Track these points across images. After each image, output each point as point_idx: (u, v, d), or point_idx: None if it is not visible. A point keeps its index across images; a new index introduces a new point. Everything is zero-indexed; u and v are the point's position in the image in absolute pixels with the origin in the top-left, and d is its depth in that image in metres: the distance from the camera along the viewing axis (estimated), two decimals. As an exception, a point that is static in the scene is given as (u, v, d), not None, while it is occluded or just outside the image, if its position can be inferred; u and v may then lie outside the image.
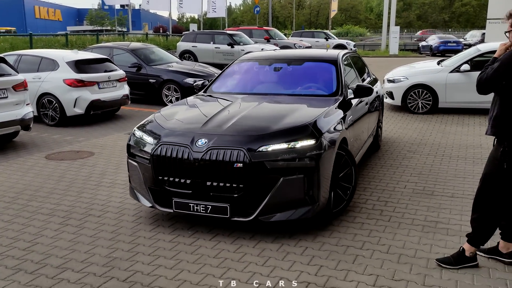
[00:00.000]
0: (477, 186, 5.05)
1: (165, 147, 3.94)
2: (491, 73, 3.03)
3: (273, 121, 4.08)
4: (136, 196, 4.32)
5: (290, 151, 3.74)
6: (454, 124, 8.66)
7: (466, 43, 30.45)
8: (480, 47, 9.94)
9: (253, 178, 3.69)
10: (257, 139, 3.79)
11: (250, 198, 3.74)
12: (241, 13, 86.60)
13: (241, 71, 5.85)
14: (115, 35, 24.95)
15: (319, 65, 5.63)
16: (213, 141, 3.82)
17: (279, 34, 23.58)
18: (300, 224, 4.09)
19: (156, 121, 4.40)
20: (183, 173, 3.87)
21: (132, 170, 4.29)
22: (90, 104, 8.95)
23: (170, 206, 3.99)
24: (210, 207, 3.81)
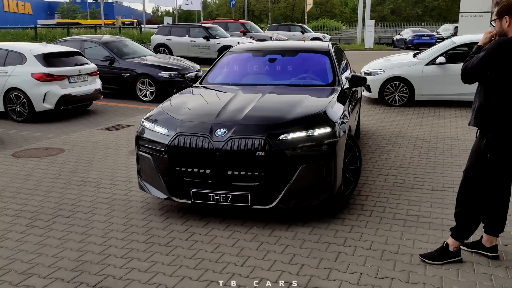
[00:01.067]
0: (456, 178, 5.09)
1: (183, 138, 3.92)
2: (475, 62, 2.94)
3: (286, 110, 4.15)
4: (147, 189, 4.24)
5: (309, 139, 3.84)
6: (430, 116, 8.69)
7: (439, 36, 30.91)
8: (455, 39, 10.02)
9: (274, 166, 3.75)
10: (276, 128, 3.86)
11: (270, 186, 3.80)
12: (217, 6, 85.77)
13: (235, 62, 5.85)
14: (87, 28, 24.26)
15: (313, 56, 5.75)
16: (232, 130, 3.85)
17: (255, 27, 23.39)
18: (283, 217, 3.97)
19: (166, 112, 4.34)
20: (203, 163, 3.87)
21: (144, 162, 4.20)
22: (60, 99, 8.60)
23: (188, 197, 3.96)
24: (230, 196, 3.82)
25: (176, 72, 10.84)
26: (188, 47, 17.96)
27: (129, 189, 4.95)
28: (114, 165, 5.85)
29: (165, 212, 4.28)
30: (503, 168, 3.02)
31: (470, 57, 3.04)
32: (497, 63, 2.85)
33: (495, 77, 2.91)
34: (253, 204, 3.83)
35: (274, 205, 3.81)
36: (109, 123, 8.56)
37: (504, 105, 2.91)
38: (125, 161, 6.06)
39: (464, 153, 6.15)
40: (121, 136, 7.51)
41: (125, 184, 5.12)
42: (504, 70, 2.86)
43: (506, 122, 2.90)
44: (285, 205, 3.84)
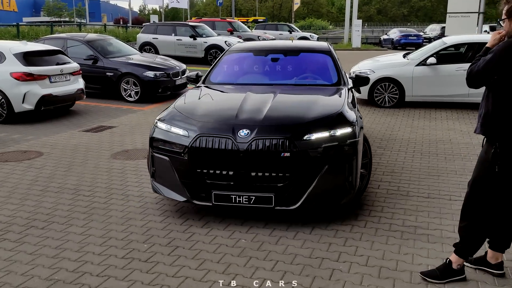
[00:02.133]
0: (452, 185, 4.91)
1: (204, 139, 3.83)
2: (482, 65, 2.71)
3: (304, 110, 4.13)
4: (162, 192, 4.13)
5: (332, 139, 3.83)
6: (421, 118, 8.54)
7: (426, 36, 31.01)
8: (445, 40, 9.88)
9: (299, 167, 3.72)
10: (299, 128, 3.83)
11: (294, 187, 3.77)
12: (204, 5, 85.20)
13: (238, 62, 5.77)
14: (72, 26, 23.73)
15: (316, 56, 5.74)
16: (256, 131, 3.78)
17: (243, 26, 23.11)
18: (269, 230, 3.74)
19: (181, 112, 4.24)
20: (226, 165, 3.78)
21: (161, 164, 4.07)
22: (40, 99, 8.24)
23: (209, 199, 3.87)
24: (253, 198, 3.77)
25: (162, 72, 10.52)
26: (174, 46, 17.61)
27: (109, 196, 4.67)
28: (94, 170, 5.56)
29: (147, 223, 4.01)
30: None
31: (477, 59, 2.82)
32: (506, 67, 2.64)
33: (503, 81, 2.69)
34: (277, 205, 3.78)
35: (298, 206, 3.77)
36: (91, 124, 8.23)
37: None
38: (106, 165, 5.77)
39: (458, 157, 5.99)
40: (103, 138, 7.20)
41: (105, 191, 4.84)
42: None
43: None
44: (308, 205, 3.81)
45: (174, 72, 10.81)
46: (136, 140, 7.04)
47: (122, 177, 5.29)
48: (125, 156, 6.23)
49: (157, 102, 10.38)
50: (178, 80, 10.90)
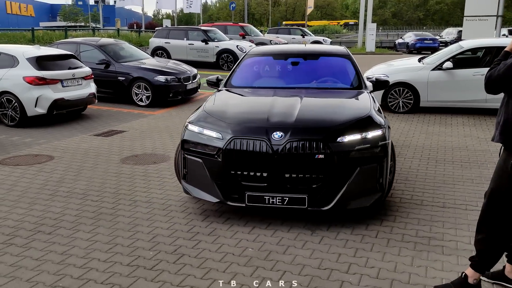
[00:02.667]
0: (468, 194, 4.75)
1: (239, 141, 3.87)
2: (503, 70, 2.58)
3: (334, 113, 4.22)
4: (194, 193, 4.19)
5: (364, 142, 3.90)
6: (436, 124, 8.36)
7: (442, 40, 30.61)
8: (462, 43, 9.68)
9: (332, 169, 3.78)
10: (332, 131, 3.88)
11: (328, 188, 3.82)
12: (217, 9, 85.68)
13: (258, 66, 5.85)
14: (85, 31, 24.00)
15: (335, 59, 5.78)
16: (289, 133, 3.82)
17: (255, 30, 23.05)
18: (277, 239, 3.65)
19: (212, 115, 4.29)
20: (260, 166, 3.83)
21: (193, 166, 4.13)
22: (52, 104, 8.29)
23: (242, 201, 3.92)
24: (287, 199, 3.81)
25: (173, 76, 10.51)
26: (186, 50, 17.64)
27: (117, 202, 4.63)
28: (103, 175, 5.53)
29: (153, 229, 3.95)
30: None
31: (496, 63, 2.69)
32: None
33: None
34: (310, 207, 3.83)
35: (331, 206, 3.83)
36: (102, 129, 8.24)
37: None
38: (115, 170, 5.74)
39: (475, 165, 5.82)
40: (114, 142, 7.19)
41: (113, 196, 4.80)
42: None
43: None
44: (341, 207, 3.86)
45: (185, 77, 10.79)
46: (145, 145, 7.01)
47: (131, 183, 5.25)
48: (134, 161, 6.19)
49: (168, 106, 10.37)
50: (189, 84, 10.88)
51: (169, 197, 4.76)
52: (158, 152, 6.58)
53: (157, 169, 5.76)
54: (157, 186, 5.10)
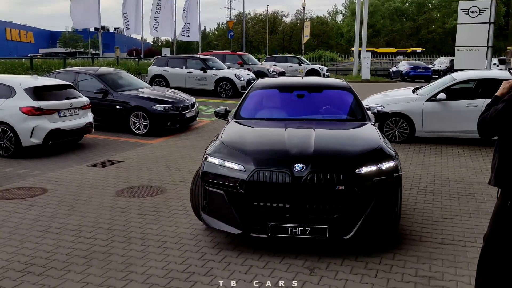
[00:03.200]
0: (467, 229, 4.69)
1: (262, 173, 3.96)
2: (494, 114, 2.61)
3: (348, 145, 4.45)
4: (214, 225, 4.22)
5: (380, 173, 4.05)
6: (432, 154, 8.37)
7: (435, 69, 31.04)
8: (455, 75, 9.81)
9: (352, 199, 3.89)
10: (349, 162, 4.01)
11: (348, 218, 3.91)
12: (216, 37, 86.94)
13: (265, 98, 6.04)
14: (84, 59, 24.20)
15: (338, 92, 5.96)
16: (310, 165, 3.93)
17: (252, 59, 23.32)
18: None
19: (231, 147, 4.38)
20: (282, 198, 3.91)
21: (214, 198, 4.17)
22: (48, 134, 8.27)
23: (264, 231, 3.96)
24: (309, 229, 3.89)
25: (171, 105, 10.56)
26: (185, 79, 17.79)
27: (111, 238, 4.54)
28: (98, 209, 5.46)
29: (148, 269, 3.86)
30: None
31: (487, 108, 2.72)
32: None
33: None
34: (331, 236, 3.90)
35: (351, 235, 3.91)
36: (98, 159, 8.19)
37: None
38: (110, 203, 5.67)
39: (472, 198, 5.78)
40: (110, 173, 7.13)
41: (107, 232, 4.71)
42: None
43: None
44: (360, 235, 3.95)
45: (183, 106, 10.83)
46: (142, 176, 6.95)
47: (126, 217, 5.17)
48: (130, 193, 6.13)
49: (166, 135, 10.36)
50: (187, 113, 10.92)
51: (165, 233, 4.68)
52: (154, 184, 6.52)
53: (153, 203, 5.69)
54: (153, 221, 5.02)
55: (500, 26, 52.69)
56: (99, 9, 23.75)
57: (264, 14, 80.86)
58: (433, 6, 68.82)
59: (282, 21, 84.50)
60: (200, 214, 4.43)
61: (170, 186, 6.41)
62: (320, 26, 77.08)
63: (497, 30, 48.41)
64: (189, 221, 5.01)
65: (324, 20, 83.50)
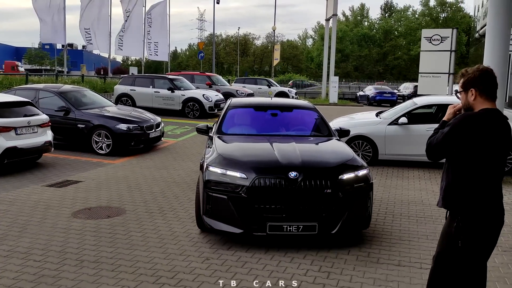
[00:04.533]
0: (423, 251, 4.75)
1: (262, 180, 4.58)
2: (440, 138, 2.68)
3: (327, 156, 5.24)
4: (216, 226, 4.71)
5: (357, 179, 4.83)
6: (394, 177, 8.53)
7: (400, 94, 32.03)
8: (416, 100, 10.12)
9: (336, 201, 4.64)
10: (334, 170, 4.76)
11: (333, 217, 4.64)
12: (187, 57, 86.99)
13: (242, 116, 6.68)
14: (49, 76, 23.67)
15: (306, 112, 6.75)
16: (302, 173, 4.60)
17: (221, 80, 23.39)
18: None
19: (230, 158, 4.95)
20: (280, 200, 4.56)
21: (218, 203, 4.69)
22: (4, 152, 7.97)
23: (263, 230, 4.57)
24: (301, 227, 4.57)
25: (135, 125, 10.39)
26: (152, 98, 17.61)
27: (62, 262, 4.34)
28: (51, 231, 5.23)
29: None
30: (477, 255, 2.68)
31: (435, 132, 2.79)
32: (463, 140, 2.60)
33: (461, 154, 2.64)
34: (320, 232, 4.61)
35: (335, 231, 4.64)
36: (57, 179, 7.92)
37: (473, 185, 2.63)
38: (64, 225, 5.45)
39: (430, 220, 5.89)
40: (67, 194, 6.89)
41: (58, 255, 4.51)
42: (471, 147, 2.60)
43: (477, 204, 2.61)
44: (342, 231, 4.70)
45: (148, 125, 10.68)
46: (101, 197, 6.75)
47: (80, 239, 4.97)
48: (87, 214, 5.92)
49: (129, 155, 10.14)
50: (152, 133, 10.76)
51: (119, 256, 4.52)
52: (114, 205, 6.34)
53: (110, 224, 5.51)
54: (108, 244, 4.85)
55: (462, 54, 55.09)
56: (64, 26, 23.40)
57: (236, 36, 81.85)
58: (399, 34, 71.36)
59: (253, 44, 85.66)
60: (202, 218, 4.86)
61: (130, 207, 6.25)
62: (290, 49, 78.50)
63: (459, 58, 50.57)
64: (146, 243, 4.88)
65: (295, 44, 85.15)
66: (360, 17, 76.18)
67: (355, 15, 76.73)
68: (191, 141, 12.40)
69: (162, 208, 6.22)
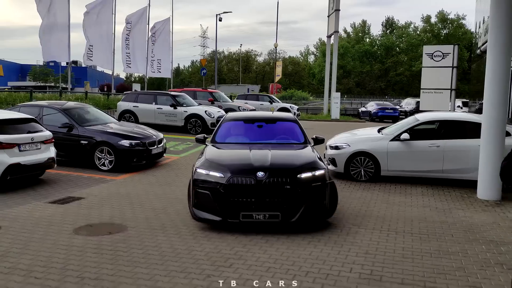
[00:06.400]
0: (426, 269, 4.70)
1: (236, 178, 5.74)
2: None
3: (293, 159, 6.34)
4: (201, 216, 5.88)
5: (315, 178, 5.93)
6: (397, 193, 8.49)
7: (402, 110, 32.06)
8: (418, 116, 10.12)
9: (295, 195, 5.73)
10: (293, 170, 5.88)
11: (293, 207, 5.72)
12: (189, 74, 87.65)
13: (234, 127, 7.92)
14: (53, 93, 23.86)
15: (288, 124, 7.96)
16: (268, 173, 5.74)
17: (224, 96, 23.49)
18: None
19: (214, 162, 6.14)
20: (250, 194, 5.68)
21: (202, 196, 5.88)
22: (7, 169, 8.00)
23: (237, 218, 5.71)
24: (267, 215, 5.67)
25: (137, 141, 10.42)
26: (154, 114, 17.70)
27: (63, 279, 4.33)
28: (52, 248, 5.22)
29: (99, 312, 3.67)
30: None
31: (510, 155, 2.73)
32: None
33: None
34: (282, 220, 5.68)
35: (295, 220, 5.72)
36: (59, 195, 7.93)
37: None
38: (66, 242, 5.44)
39: (433, 238, 5.85)
40: (69, 210, 6.89)
41: (59, 272, 4.49)
42: None
43: None
44: (301, 219, 5.75)
45: (150, 141, 10.72)
46: (103, 214, 6.74)
47: (81, 256, 4.96)
48: (89, 231, 5.91)
49: (131, 171, 10.16)
50: (154, 149, 10.79)
51: (120, 273, 4.50)
52: (116, 222, 6.33)
53: (111, 241, 5.50)
54: (109, 261, 4.83)
55: (463, 70, 55.25)
56: (69, 44, 23.66)
57: (238, 53, 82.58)
58: (400, 50, 71.86)
59: (256, 60, 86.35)
60: (191, 209, 6.04)
61: (131, 224, 6.23)
62: (292, 66, 79.08)
63: (461, 74, 50.72)
64: (147, 260, 4.86)
65: (296, 60, 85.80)
66: (361, 33, 76.81)
67: (357, 32, 77.38)
68: (193, 157, 12.41)
69: (164, 224, 6.21)
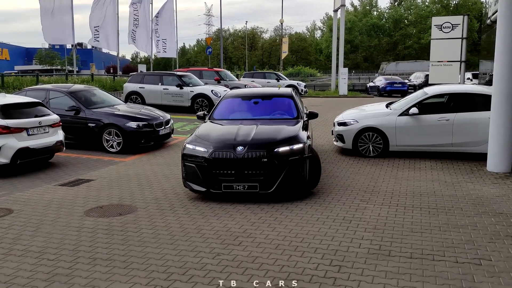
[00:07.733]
0: (435, 243, 4.71)
1: (217, 152, 6.16)
2: None
3: (275, 134, 6.53)
4: (189, 186, 6.41)
5: (291, 152, 6.23)
6: (406, 168, 8.44)
7: (411, 84, 31.64)
8: (427, 90, 9.97)
9: (272, 167, 6.09)
10: (272, 145, 6.21)
11: (270, 179, 6.09)
12: (195, 53, 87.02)
13: (231, 104, 8.21)
14: (58, 76, 23.87)
15: (283, 99, 8.17)
16: (247, 147, 6.14)
17: (230, 75, 23.34)
18: None
19: (201, 138, 6.56)
20: (230, 167, 6.09)
21: (190, 169, 6.37)
22: (16, 153, 8.08)
23: (219, 189, 6.15)
24: (246, 186, 6.09)
25: (145, 122, 10.44)
26: (161, 95, 17.68)
27: (75, 260, 4.40)
28: (64, 229, 5.30)
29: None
30: None
31: None
32: None
33: None
34: (260, 191, 6.09)
35: (272, 190, 6.10)
36: (69, 178, 8.01)
37: None
38: (77, 223, 5.51)
39: (442, 211, 5.83)
40: (79, 193, 6.96)
41: (71, 253, 4.56)
42: None
43: None
44: (279, 190, 6.13)
45: (157, 123, 10.73)
46: (112, 195, 6.81)
47: (92, 237, 5.03)
48: (99, 213, 5.98)
49: (139, 153, 10.21)
50: (161, 130, 10.81)
51: (131, 253, 4.56)
52: (125, 203, 6.39)
53: (122, 222, 5.56)
54: (120, 241, 4.89)
55: (473, 41, 54.14)
56: (73, 26, 23.51)
57: (243, 30, 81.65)
58: (409, 22, 70.38)
59: (261, 37, 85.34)
60: (182, 180, 6.56)
61: (141, 204, 6.29)
62: (299, 42, 78.03)
63: (471, 45, 49.71)
64: (158, 240, 4.91)
65: (303, 36, 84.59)
66: (369, 6, 75.28)
67: (364, 5, 75.84)
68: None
69: (173, 204, 6.26)
